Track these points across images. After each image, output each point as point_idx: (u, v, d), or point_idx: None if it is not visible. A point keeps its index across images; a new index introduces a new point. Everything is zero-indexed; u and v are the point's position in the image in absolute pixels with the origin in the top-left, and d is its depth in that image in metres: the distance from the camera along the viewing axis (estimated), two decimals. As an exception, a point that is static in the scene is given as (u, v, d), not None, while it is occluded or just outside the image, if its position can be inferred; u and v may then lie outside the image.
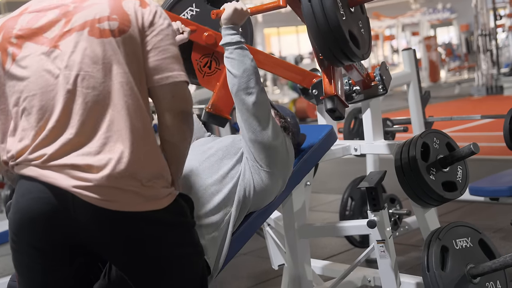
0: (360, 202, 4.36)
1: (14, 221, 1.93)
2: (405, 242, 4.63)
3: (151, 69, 1.94)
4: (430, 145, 2.88)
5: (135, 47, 1.92)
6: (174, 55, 1.97)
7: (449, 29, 30.76)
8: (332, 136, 3.00)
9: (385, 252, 2.74)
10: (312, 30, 2.42)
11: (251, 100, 2.39)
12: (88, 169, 1.84)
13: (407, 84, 4.16)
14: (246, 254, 4.72)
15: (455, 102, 14.68)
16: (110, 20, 1.91)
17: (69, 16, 1.92)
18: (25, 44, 1.92)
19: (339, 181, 6.80)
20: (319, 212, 6.11)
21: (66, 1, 1.96)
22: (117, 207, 1.85)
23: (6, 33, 1.95)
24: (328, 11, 2.36)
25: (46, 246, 1.91)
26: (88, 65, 1.88)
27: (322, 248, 4.82)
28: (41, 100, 1.88)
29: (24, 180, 1.90)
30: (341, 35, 2.39)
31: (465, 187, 2.92)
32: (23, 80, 1.90)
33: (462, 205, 5.44)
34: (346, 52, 2.45)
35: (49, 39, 1.91)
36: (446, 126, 9.32)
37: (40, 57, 1.90)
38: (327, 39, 2.41)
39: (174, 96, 1.96)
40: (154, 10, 1.97)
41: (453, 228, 2.81)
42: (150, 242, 1.92)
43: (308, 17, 2.41)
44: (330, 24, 2.37)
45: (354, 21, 2.55)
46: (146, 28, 1.94)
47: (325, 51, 2.48)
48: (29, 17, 1.95)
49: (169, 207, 1.93)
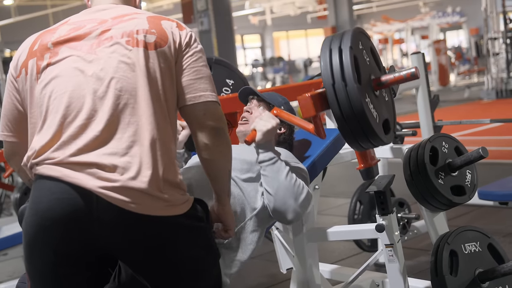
0: (369, 206, 4.35)
1: (31, 223, 1.93)
2: (413, 246, 4.62)
3: (184, 88, 2.02)
4: (438, 149, 2.87)
5: (169, 63, 2.00)
6: (207, 76, 2.06)
7: (458, 32, 30.68)
8: (340, 140, 3.00)
9: (393, 256, 2.73)
10: (346, 136, 2.42)
11: (290, 216, 2.51)
12: (113, 170, 1.87)
13: (416, 88, 4.15)
14: (254, 257, 4.69)
15: (465, 106, 14.64)
16: (148, 33, 1.99)
17: (108, 27, 2.01)
18: (61, 49, 2.00)
19: (348, 185, 6.79)
20: (328, 216, 6.11)
21: (106, 17, 2.05)
22: (140, 210, 1.88)
23: (43, 40, 2.05)
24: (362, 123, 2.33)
25: (64, 249, 1.91)
26: (124, 70, 1.95)
27: (330, 252, 4.82)
28: (70, 98, 1.93)
29: (45, 180, 1.91)
30: (375, 137, 2.38)
31: (474, 191, 2.91)
32: (55, 80, 1.96)
33: (471, 210, 5.43)
34: (380, 144, 2.47)
35: (86, 45, 1.98)
36: (455, 130, 9.30)
37: (74, 59, 1.97)
38: (363, 143, 2.42)
39: (206, 114, 2.03)
40: (190, 34, 2.08)
41: (462, 233, 2.80)
42: (170, 245, 1.95)
43: (342, 126, 2.38)
44: (366, 132, 2.35)
45: (381, 102, 2.52)
46: (182, 49, 2.04)
47: (360, 148, 2.51)
48: (68, 28, 2.04)
49: (188, 212, 1.98)
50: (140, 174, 1.89)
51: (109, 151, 1.89)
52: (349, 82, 2.30)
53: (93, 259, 1.96)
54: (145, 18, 2.04)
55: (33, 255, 1.95)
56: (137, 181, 1.88)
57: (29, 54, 2.05)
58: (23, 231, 1.98)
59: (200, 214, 2.04)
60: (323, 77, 2.36)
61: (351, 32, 2.40)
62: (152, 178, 1.90)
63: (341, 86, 2.31)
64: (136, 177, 1.88)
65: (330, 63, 2.35)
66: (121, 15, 2.05)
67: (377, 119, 2.41)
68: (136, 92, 1.94)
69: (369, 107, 2.36)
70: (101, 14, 2.07)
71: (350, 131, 2.38)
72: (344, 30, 2.46)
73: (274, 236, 3.63)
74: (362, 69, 2.39)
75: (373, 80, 2.47)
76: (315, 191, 3.34)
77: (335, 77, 2.33)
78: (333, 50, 2.36)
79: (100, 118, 1.91)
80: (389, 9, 29.01)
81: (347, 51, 2.33)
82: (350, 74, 2.30)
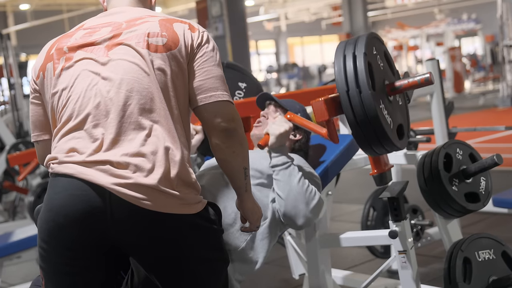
0: (382, 212, 4.34)
1: (46, 219, 1.95)
2: (427, 253, 4.59)
3: (195, 89, 2.04)
4: (453, 155, 2.86)
5: (181, 66, 2.02)
6: (218, 76, 2.07)
7: (474, 39, 30.58)
8: (353, 146, 2.99)
9: (406, 263, 2.72)
10: (360, 142, 2.42)
11: (301, 221, 2.51)
12: (126, 167, 1.90)
13: (430, 95, 4.13)
14: (267, 263, 4.70)
15: (480, 113, 14.57)
16: (160, 36, 2.02)
17: (121, 30, 2.04)
18: (76, 53, 2.04)
19: (361, 191, 6.77)
20: (341, 222, 6.10)
21: (120, 20, 2.09)
22: (153, 208, 1.90)
23: (59, 45, 2.08)
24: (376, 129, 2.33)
25: (78, 246, 1.93)
26: (135, 71, 1.98)
27: (343, 258, 4.80)
28: (83, 99, 1.97)
29: (60, 178, 1.95)
30: (389, 143, 2.38)
31: (488, 199, 2.90)
32: (69, 82, 2.01)
33: (485, 217, 5.40)
34: (393, 150, 2.46)
35: (99, 49, 2.02)
36: (470, 137, 9.26)
37: (88, 61, 2.02)
38: (377, 149, 2.42)
39: (217, 115, 2.03)
40: (202, 34, 2.09)
41: (476, 240, 2.79)
42: (182, 243, 1.96)
43: (356, 132, 2.39)
44: (379, 138, 2.36)
45: (395, 108, 2.52)
46: (194, 50, 2.06)
47: (372, 154, 2.51)
48: (83, 33, 2.09)
49: (200, 213, 1.99)
50: (152, 172, 1.91)
51: (122, 151, 1.92)
52: (363, 89, 2.30)
53: (106, 257, 1.98)
54: (157, 21, 2.07)
55: (48, 253, 1.97)
56: (149, 178, 1.90)
57: (46, 58, 2.09)
58: (38, 228, 2.00)
59: (212, 217, 2.05)
60: (337, 83, 2.36)
61: (365, 38, 2.40)
62: (164, 176, 1.92)
63: (356, 93, 2.31)
64: (148, 175, 1.90)
65: (344, 69, 2.35)
66: (134, 19, 2.08)
67: (391, 125, 2.40)
68: (148, 93, 1.97)
69: (383, 113, 2.35)
70: (115, 17, 2.10)
71: (363, 137, 2.37)
72: (358, 35, 2.46)
73: (287, 242, 3.63)
74: (376, 75, 2.39)
75: (387, 85, 2.46)
76: (328, 197, 3.33)
77: (349, 83, 2.32)
78: (347, 56, 2.36)
79: (112, 119, 1.95)
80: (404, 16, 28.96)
81: (361, 57, 2.32)
82: (364, 80, 2.30)
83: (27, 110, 8.31)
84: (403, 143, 2.49)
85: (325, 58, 31.49)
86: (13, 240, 4.27)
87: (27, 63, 14.13)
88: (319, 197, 2.53)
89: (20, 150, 6.69)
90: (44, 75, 2.08)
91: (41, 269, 2.03)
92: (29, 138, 7.58)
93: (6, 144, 7.05)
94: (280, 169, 2.52)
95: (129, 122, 1.94)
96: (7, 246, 4.20)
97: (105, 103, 1.95)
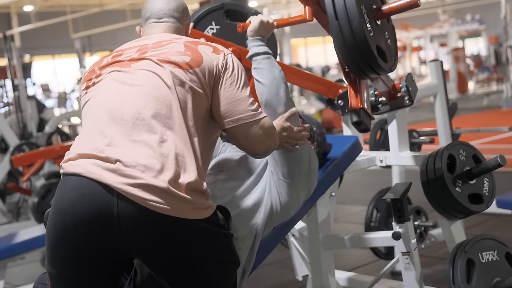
0: (386, 213, 4.33)
1: (53, 222, 1.96)
2: (430, 254, 4.59)
3: (222, 113, 2.11)
4: (456, 157, 2.86)
5: (202, 83, 2.08)
6: (243, 98, 2.13)
7: (477, 40, 30.52)
8: (357, 147, 2.99)
9: (410, 264, 2.72)
10: (338, 45, 2.42)
11: (281, 109, 2.41)
12: (135, 167, 1.91)
13: (434, 96, 4.13)
14: (270, 264, 4.72)
15: (483, 114, 14.55)
16: (183, 55, 2.09)
17: (146, 49, 2.14)
18: (105, 70, 2.14)
19: (365, 192, 6.77)
20: (344, 223, 6.09)
21: (148, 42, 2.18)
22: (163, 211, 1.90)
23: (93, 66, 2.21)
24: (355, 27, 2.35)
25: (86, 247, 1.93)
26: (155, 79, 2.05)
27: (346, 259, 4.80)
28: (105, 106, 2.04)
29: (69, 177, 1.97)
30: (368, 51, 2.38)
31: (491, 200, 2.90)
32: (97, 92, 2.10)
33: (488, 218, 5.39)
34: (374, 67, 2.45)
35: (125, 64, 2.12)
36: (473, 138, 9.24)
37: (113, 73, 2.11)
38: (354, 55, 2.40)
39: (247, 138, 2.14)
40: (226, 57, 2.15)
41: (479, 241, 2.79)
42: (191, 248, 1.97)
43: (335, 32, 2.40)
44: (358, 40, 2.36)
45: (381, 34, 2.53)
46: (219, 73, 2.11)
47: (352, 66, 2.48)
48: (114, 54, 2.19)
49: (210, 218, 2.01)
50: (162, 173, 1.92)
51: (132, 151, 1.94)
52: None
53: (114, 258, 1.98)
54: (183, 42, 2.15)
55: (55, 257, 1.98)
56: (159, 179, 1.91)
57: (83, 79, 2.21)
58: (46, 231, 2.02)
59: (221, 222, 2.06)
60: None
61: None
62: (174, 179, 1.93)
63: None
64: (157, 176, 1.91)
65: None
66: (161, 41, 2.17)
67: (373, 37, 2.42)
68: (165, 100, 2.02)
69: (365, 18, 2.38)
70: (145, 41, 2.20)
71: (342, 38, 2.39)
72: None
73: (290, 243, 3.63)
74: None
75: (374, 9, 2.50)
76: (332, 198, 3.33)
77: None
78: None
79: (126, 120, 1.99)
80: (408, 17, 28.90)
81: None
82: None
83: (31, 112, 8.33)
84: (387, 66, 2.50)
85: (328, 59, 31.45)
86: (16, 241, 4.28)
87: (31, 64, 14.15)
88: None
89: (24, 151, 6.70)
90: (80, 94, 2.20)
91: (48, 273, 2.04)
92: (33, 140, 7.59)
93: (10, 145, 7.06)
94: (263, 58, 2.46)
95: (143, 124, 1.98)
96: (10, 247, 4.20)
97: (121, 106, 2.01)
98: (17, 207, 7.04)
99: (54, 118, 9.02)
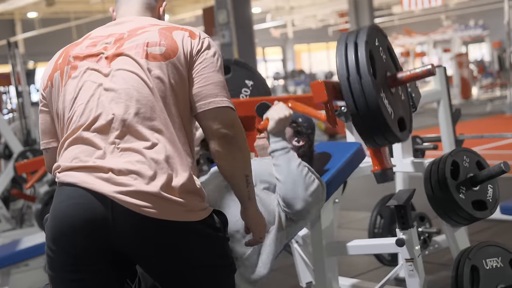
0: (389, 220, 4.33)
1: (52, 228, 1.97)
2: (434, 261, 4.58)
3: (194, 96, 2.04)
4: (460, 163, 2.86)
5: (180, 73, 2.03)
6: (217, 82, 2.06)
7: (481, 46, 30.53)
8: (360, 153, 2.99)
9: (414, 271, 2.72)
10: (360, 130, 2.44)
11: (299, 206, 2.49)
12: (127, 174, 1.91)
13: (437, 102, 4.13)
14: (274, 271, 4.69)
15: (487, 119, 14.53)
16: (158, 46, 2.03)
17: (122, 41, 2.07)
18: (81, 63, 2.07)
19: (368, 198, 6.75)
20: (348, 229, 6.08)
21: (123, 30, 2.11)
22: (156, 215, 1.90)
23: (66, 55, 2.13)
24: (376, 116, 2.34)
25: (82, 253, 1.94)
26: (134, 80, 2.00)
27: (350, 266, 4.79)
28: (86, 109, 2.00)
29: (64, 187, 1.97)
30: (390, 133, 2.40)
31: (495, 206, 2.89)
32: (74, 92, 2.04)
33: (492, 224, 5.38)
34: (395, 141, 2.49)
35: (102, 59, 2.05)
36: (477, 144, 9.23)
37: (92, 72, 2.04)
38: (377, 139, 2.44)
39: (216, 121, 2.02)
40: (202, 41, 2.09)
41: (484, 248, 2.78)
42: (187, 251, 1.96)
43: (355, 119, 2.40)
44: (379, 126, 2.37)
45: (397, 100, 2.52)
46: (193, 57, 2.05)
47: (374, 145, 2.52)
48: (88, 43, 2.12)
49: (205, 220, 1.99)
50: (154, 179, 1.91)
51: (123, 159, 1.93)
52: (363, 75, 2.31)
53: (112, 265, 1.98)
54: (157, 30, 2.08)
55: (54, 260, 1.99)
56: (151, 185, 1.91)
57: (54, 68, 2.13)
58: (45, 236, 2.02)
59: (217, 225, 2.05)
60: (338, 71, 2.38)
61: (367, 28, 2.41)
62: (167, 183, 1.92)
63: (356, 79, 2.32)
64: (149, 182, 1.91)
65: (345, 57, 2.36)
66: (136, 28, 2.10)
67: (392, 115, 2.41)
68: (147, 102, 1.98)
69: (384, 102, 2.36)
70: (120, 28, 2.13)
71: (363, 125, 2.38)
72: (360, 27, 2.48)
73: (294, 250, 3.63)
74: (377, 65, 2.40)
75: (389, 77, 2.47)
76: (335, 204, 3.33)
77: (350, 70, 2.34)
78: (348, 45, 2.37)
79: (113, 128, 1.97)
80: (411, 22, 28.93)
81: (363, 45, 2.34)
82: (365, 67, 2.32)
83: (35, 118, 8.33)
84: (404, 135, 2.50)
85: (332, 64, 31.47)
86: (20, 248, 4.29)
87: (35, 70, 14.17)
88: (318, 183, 2.54)
89: (27, 158, 6.71)
90: (52, 84, 2.11)
91: (48, 277, 2.05)
92: (36, 146, 7.60)
93: (14, 152, 7.07)
94: (280, 154, 2.53)
95: (130, 130, 1.96)
96: (14, 254, 4.21)
97: (106, 113, 1.98)
98: (21, 214, 7.05)
99: (58, 125, 9.01)
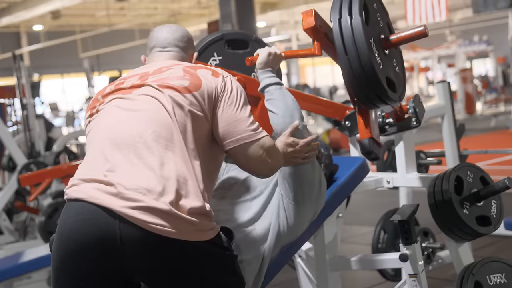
0: (393, 235, 4.32)
1: (57, 247, 1.97)
2: (438, 276, 4.56)
3: (221, 135, 2.11)
4: (463, 178, 2.85)
5: (202, 106, 2.09)
6: (242, 118, 2.13)
7: (485, 61, 30.54)
8: (364, 168, 2.99)
9: (417, 286, 2.71)
10: (348, 77, 2.42)
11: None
12: (136, 191, 1.91)
13: (441, 117, 4.13)
14: (277, 285, 4.70)
15: (491, 135, 14.52)
16: (182, 80, 2.11)
17: (147, 76, 2.16)
18: (107, 97, 2.16)
19: (372, 213, 6.75)
20: (352, 244, 6.07)
21: (149, 70, 2.21)
22: (165, 233, 1.90)
23: (97, 95, 2.25)
24: (364, 61, 2.34)
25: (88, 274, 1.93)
26: (154, 103, 2.07)
27: (353, 281, 4.78)
28: (106, 128, 2.07)
29: (72, 203, 1.98)
30: (378, 84, 2.39)
31: (499, 222, 2.88)
32: (99, 118, 2.13)
33: (496, 240, 5.36)
34: (383, 98, 2.45)
35: (125, 90, 2.14)
36: (481, 159, 9.22)
37: (115, 100, 2.13)
38: (364, 87, 2.41)
39: (248, 159, 2.13)
40: (225, 80, 2.17)
41: (487, 264, 2.77)
42: (197, 270, 1.96)
43: (344, 66, 2.40)
44: (367, 73, 2.36)
45: (389, 63, 2.53)
46: (218, 95, 2.12)
47: (361, 97, 2.48)
48: (116, 83, 2.21)
49: (214, 239, 2.00)
50: (163, 196, 1.92)
51: (134, 175, 1.95)
52: (354, 15, 2.34)
53: (119, 283, 1.97)
54: (182, 68, 2.17)
55: (60, 281, 1.98)
56: (160, 202, 1.91)
57: (88, 107, 2.24)
58: (51, 255, 2.02)
59: (225, 244, 2.06)
60: (331, 15, 2.39)
61: None
62: (175, 201, 1.93)
63: (347, 20, 2.35)
64: (159, 198, 1.91)
65: (340, 4, 2.39)
66: (161, 67, 2.19)
67: (381, 68, 2.41)
68: (164, 123, 2.03)
69: (374, 51, 2.38)
70: (146, 68, 2.23)
71: (352, 72, 2.38)
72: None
73: (297, 264, 3.62)
74: (371, 25, 2.43)
75: (382, 38, 2.50)
76: (339, 219, 3.32)
77: (343, 12, 2.37)
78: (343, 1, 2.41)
79: (127, 145, 2.00)
80: (415, 37, 28.94)
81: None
82: (357, 8, 2.35)
83: (39, 131, 8.34)
84: (394, 96, 2.50)
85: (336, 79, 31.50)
86: (23, 261, 4.28)
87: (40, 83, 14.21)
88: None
89: (31, 171, 6.71)
90: (85, 122, 2.23)
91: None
92: (40, 158, 7.60)
93: (18, 164, 7.08)
94: (275, 88, 2.49)
95: (144, 147, 1.98)
96: (17, 266, 4.20)
97: (123, 131, 2.02)
98: (24, 226, 7.04)
99: (62, 137, 9.04)
